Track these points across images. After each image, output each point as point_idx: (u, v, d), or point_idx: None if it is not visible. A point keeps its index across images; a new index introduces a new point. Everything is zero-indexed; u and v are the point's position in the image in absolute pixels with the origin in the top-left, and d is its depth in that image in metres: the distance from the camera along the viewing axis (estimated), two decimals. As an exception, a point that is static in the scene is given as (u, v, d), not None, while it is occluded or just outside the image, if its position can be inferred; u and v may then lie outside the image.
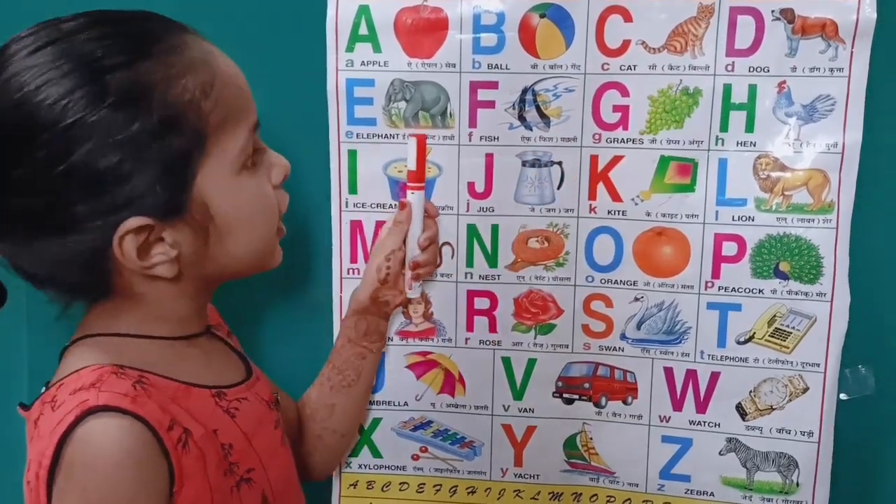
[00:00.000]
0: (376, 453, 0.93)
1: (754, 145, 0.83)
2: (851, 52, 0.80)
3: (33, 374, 0.86)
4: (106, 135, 0.58)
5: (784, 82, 0.81)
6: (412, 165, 0.82)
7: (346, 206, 0.88)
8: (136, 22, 0.63)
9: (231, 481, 0.66)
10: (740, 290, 0.85)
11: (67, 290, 0.67)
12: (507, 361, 0.90)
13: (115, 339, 0.66)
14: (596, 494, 0.92)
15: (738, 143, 0.83)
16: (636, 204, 0.85)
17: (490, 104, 0.84)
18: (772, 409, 0.86)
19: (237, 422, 0.69)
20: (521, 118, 0.85)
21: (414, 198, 0.83)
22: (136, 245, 0.61)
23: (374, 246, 0.87)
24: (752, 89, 0.82)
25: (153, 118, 0.59)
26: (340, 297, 0.90)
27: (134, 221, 0.60)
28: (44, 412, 0.61)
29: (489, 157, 0.86)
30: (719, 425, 0.88)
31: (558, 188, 0.86)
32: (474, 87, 0.84)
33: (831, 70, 0.80)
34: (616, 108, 0.84)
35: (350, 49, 0.84)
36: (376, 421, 0.92)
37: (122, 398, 0.58)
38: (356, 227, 0.89)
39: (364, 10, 0.83)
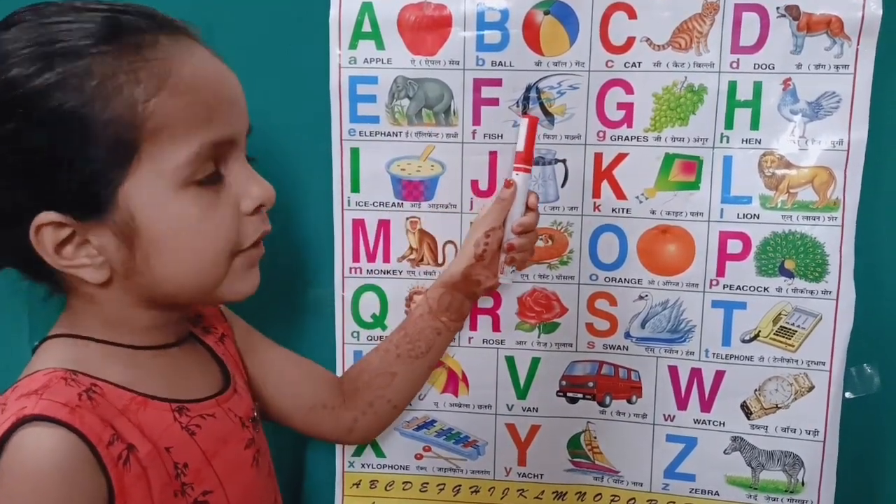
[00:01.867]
0: (379, 453, 0.92)
1: (759, 143, 0.82)
2: (857, 49, 0.79)
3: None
4: (34, 116, 0.56)
5: (789, 79, 0.81)
6: (521, 147, 0.80)
7: (349, 205, 0.88)
8: (113, 14, 0.60)
9: (184, 502, 0.63)
10: (745, 288, 0.85)
11: (24, 275, 0.65)
12: (510, 360, 0.90)
13: (79, 341, 0.64)
14: (600, 494, 0.92)
15: (743, 141, 0.83)
16: (641, 202, 0.85)
17: (494, 101, 0.84)
18: (777, 407, 0.86)
19: (196, 440, 0.65)
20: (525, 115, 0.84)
21: (519, 179, 0.80)
22: (54, 241, 0.58)
23: (474, 221, 0.84)
24: (758, 86, 0.81)
25: (82, 110, 0.56)
26: (342, 295, 0.90)
27: (46, 216, 0.58)
28: None
29: (493, 154, 0.85)
30: (724, 424, 0.87)
31: (562, 186, 0.86)
32: (478, 84, 0.84)
33: (836, 67, 0.80)
34: (620, 106, 0.84)
35: (353, 46, 0.84)
36: (379, 420, 0.92)
37: (60, 408, 0.56)
38: (358, 225, 0.88)
39: (367, 7, 0.83)
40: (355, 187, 0.87)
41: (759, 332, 0.85)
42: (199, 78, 0.61)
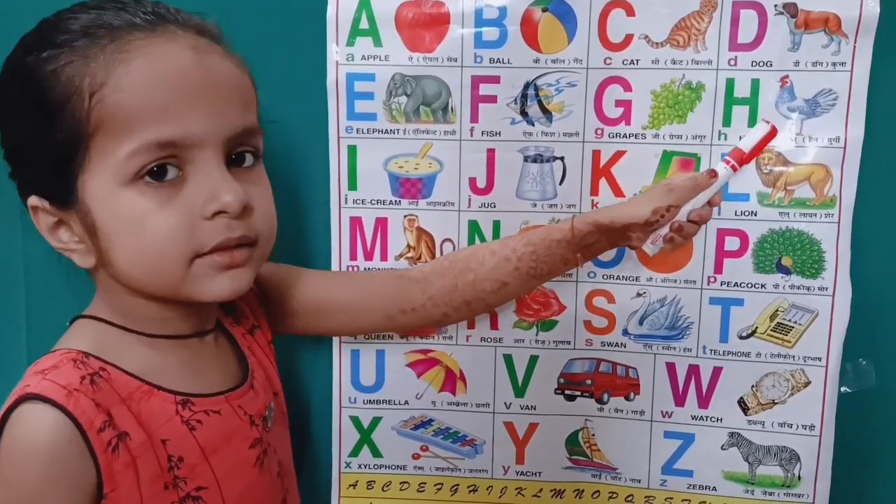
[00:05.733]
0: (376, 453, 0.92)
1: (757, 140, 0.83)
2: (854, 47, 0.80)
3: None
4: (10, 110, 0.63)
5: (787, 77, 0.81)
6: (747, 147, 0.77)
7: (346, 203, 0.87)
8: (102, 9, 0.62)
9: (173, 496, 0.64)
10: (742, 284, 0.85)
11: None
12: (508, 359, 0.89)
13: (102, 324, 0.67)
14: (598, 491, 0.92)
15: (740, 138, 0.82)
16: (639, 199, 0.85)
17: (492, 99, 0.84)
18: (773, 403, 0.87)
19: (196, 435, 0.65)
20: (523, 113, 0.84)
21: (723, 172, 0.77)
22: (47, 223, 0.64)
23: (665, 182, 0.78)
24: (755, 84, 0.82)
25: (40, 103, 0.60)
26: (340, 294, 0.89)
27: (31, 200, 0.63)
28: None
29: (491, 152, 0.85)
30: (721, 420, 0.88)
31: (560, 184, 0.85)
32: (476, 81, 0.83)
33: (834, 65, 0.81)
34: (618, 103, 0.84)
35: (350, 43, 0.83)
36: (376, 420, 0.91)
37: (57, 390, 0.58)
38: (356, 223, 0.87)
39: (365, 4, 0.82)
40: (353, 185, 0.86)
41: (756, 328, 0.86)
42: (157, 74, 0.60)
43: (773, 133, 0.78)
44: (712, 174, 0.77)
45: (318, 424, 0.92)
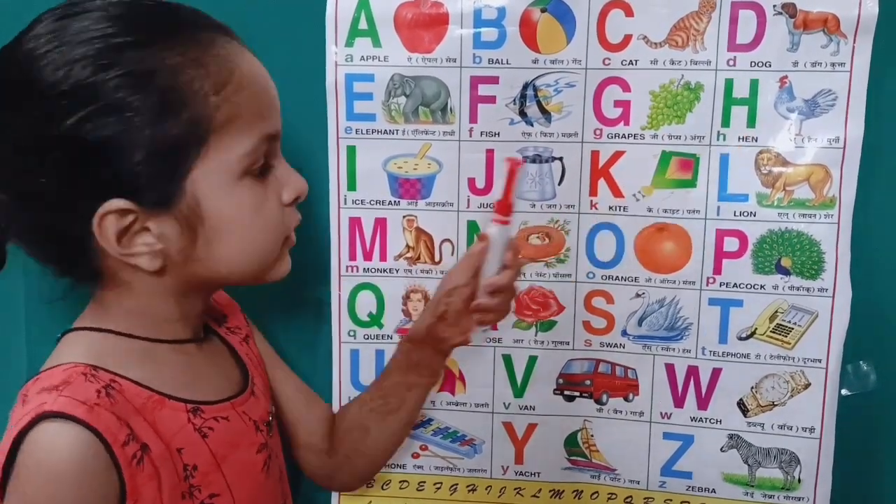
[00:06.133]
0: (376, 452, 0.92)
1: (756, 140, 0.82)
2: (853, 47, 0.79)
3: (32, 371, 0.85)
4: (102, 105, 0.57)
5: (785, 77, 0.81)
6: (500, 193, 0.73)
7: (345, 203, 0.87)
8: (167, 10, 0.63)
9: None
10: (742, 285, 0.85)
11: (57, 265, 0.65)
12: (507, 359, 0.90)
13: (101, 335, 0.65)
14: (597, 492, 0.92)
15: (739, 139, 0.83)
16: (637, 200, 0.85)
17: (491, 99, 0.84)
18: (773, 405, 0.86)
19: (208, 442, 0.66)
20: (522, 113, 0.84)
21: (494, 232, 0.73)
22: (116, 228, 0.60)
23: (448, 272, 0.79)
24: (754, 84, 0.82)
25: (154, 99, 0.58)
26: (339, 294, 0.89)
27: (115, 203, 0.59)
28: (17, 404, 0.60)
29: (490, 152, 0.85)
30: (721, 422, 0.88)
31: (559, 184, 0.86)
32: (475, 82, 0.84)
33: (833, 65, 0.80)
34: (617, 104, 0.84)
35: (349, 44, 0.84)
36: (376, 419, 0.91)
37: (78, 406, 0.56)
38: (355, 223, 0.88)
39: (364, 5, 0.83)
40: (352, 185, 0.87)
41: (756, 329, 0.85)
42: (255, 75, 0.65)
43: (514, 166, 0.72)
44: (482, 237, 0.75)
45: (318, 424, 0.93)
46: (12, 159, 0.60)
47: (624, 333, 0.88)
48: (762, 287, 0.85)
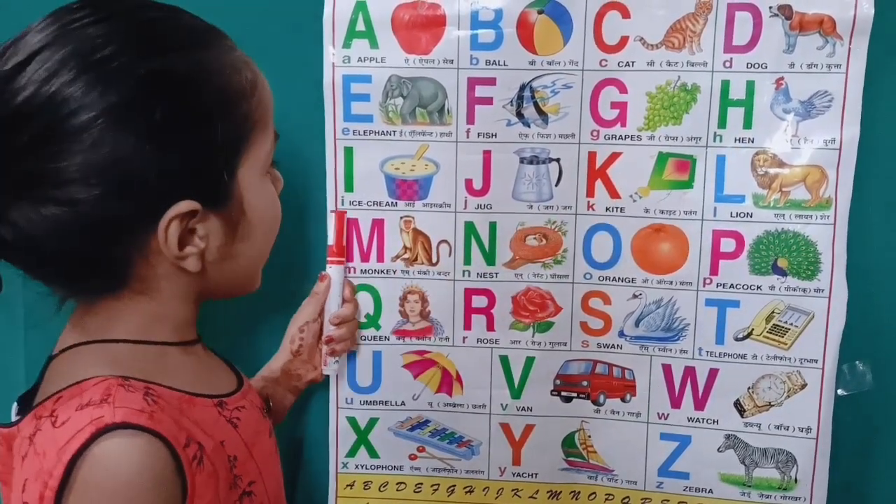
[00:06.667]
0: (373, 453, 0.92)
1: (752, 141, 0.83)
2: (849, 49, 0.80)
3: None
4: (181, 104, 0.58)
5: (782, 78, 0.81)
6: (331, 240, 0.85)
7: (342, 204, 0.87)
8: (190, 19, 0.64)
9: (234, 495, 0.64)
10: (738, 286, 0.85)
11: (76, 282, 0.62)
12: (504, 360, 0.90)
13: (115, 345, 0.63)
14: (594, 492, 0.92)
15: (736, 140, 0.83)
16: (634, 201, 0.85)
17: (488, 101, 0.84)
18: (770, 405, 0.86)
19: (240, 432, 0.67)
20: (519, 115, 0.84)
21: (333, 271, 0.85)
22: (179, 231, 0.59)
23: (294, 316, 0.87)
24: (750, 85, 0.82)
25: (210, 102, 0.60)
26: (336, 295, 0.89)
27: (185, 205, 0.58)
28: (41, 428, 0.57)
29: (487, 154, 0.85)
30: (718, 422, 0.88)
31: (556, 185, 0.86)
32: (472, 83, 0.84)
33: (829, 66, 0.81)
34: (614, 105, 0.84)
35: (347, 45, 0.84)
36: (373, 421, 0.91)
37: (138, 414, 0.56)
38: (352, 224, 0.88)
39: (361, 6, 0.83)
40: (349, 187, 0.87)
41: (753, 330, 0.86)
42: (262, 76, 0.67)
43: (341, 216, 0.85)
44: (322, 277, 0.85)
45: (316, 425, 0.93)
46: (67, 191, 0.56)
47: (621, 334, 0.88)
48: (759, 288, 0.85)
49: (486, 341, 0.89)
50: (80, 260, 0.60)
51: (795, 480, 0.87)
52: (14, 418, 0.62)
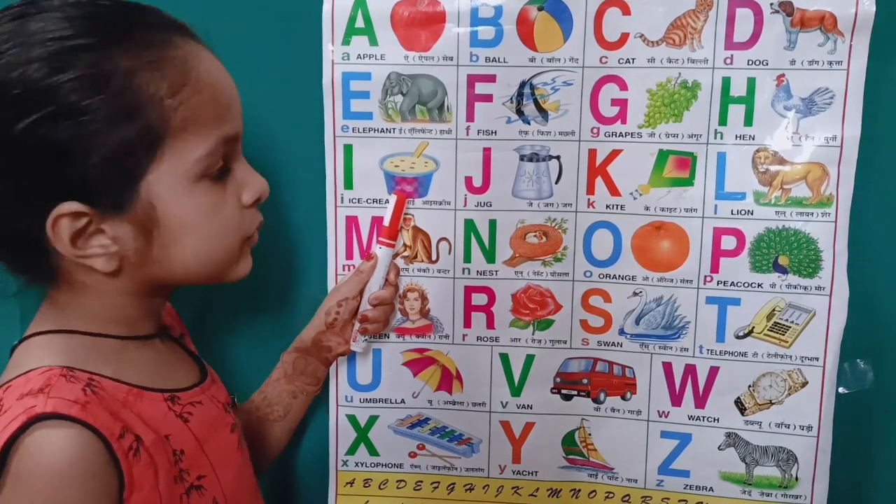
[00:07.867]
0: (373, 451, 0.92)
1: (753, 139, 0.82)
2: (850, 46, 0.79)
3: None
4: (56, 108, 0.56)
5: (783, 75, 0.81)
6: (387, 221, 0.85)
7: (342, 202, 0.87)
8: (124, 11, 0.62)
9: (180, 489, 0.64)
10: (739, 284, 0.85)
11: (12, 265, 0.65)
12: (504, 358, 0.89)
13: (65, 336, 0.64)
14: (595, 490, 0.92)
15: (736, 137, 0.83)
16: (635, 198, 0.85)
17: (488, 98, 0.84)
18: (771, 403, 0.86)
19: (190, 427, 0.67)
20: (519, 112, 0.84)
21: (381, 253, 0.85)
22: (70, 230, 0.59)
23: (334, 289, 0.87)
24: (751, 82, 0.81)
25: (109, 103, 0.58)
26: (336, 293, 0.89)
27: (69, 206, 0.59)
28: None
29: (487, 151, 0.85)
30: (718, 420, 0.88)
31: (556, 183, 0.85)
32: (472, 80, 0.83)
33: (830, 63, 0.80)
34: (614, 102, 0.83)
35: (346, 42, 0.83)
36: (373, 419, 0.91)
37: (71, 405, 0.56)
38: (352, 222, 0.87)
39: (360, 3, 0.82)
40: (349, 184, 0.87)
41: (753, 328, 0.85)
42: (212, 76, 0.64)
43: (402, 198, 0.85)
44: (369, 256, 0.85)
45: (315, 423, 0.93)
46: None
47: (621, 332, 0.88)
48: (759, 285, 0.85)
49: (485, 339, 0.89)
50: (4, 246, 0.63)
51: (796, 479, 0.87)
52: None
